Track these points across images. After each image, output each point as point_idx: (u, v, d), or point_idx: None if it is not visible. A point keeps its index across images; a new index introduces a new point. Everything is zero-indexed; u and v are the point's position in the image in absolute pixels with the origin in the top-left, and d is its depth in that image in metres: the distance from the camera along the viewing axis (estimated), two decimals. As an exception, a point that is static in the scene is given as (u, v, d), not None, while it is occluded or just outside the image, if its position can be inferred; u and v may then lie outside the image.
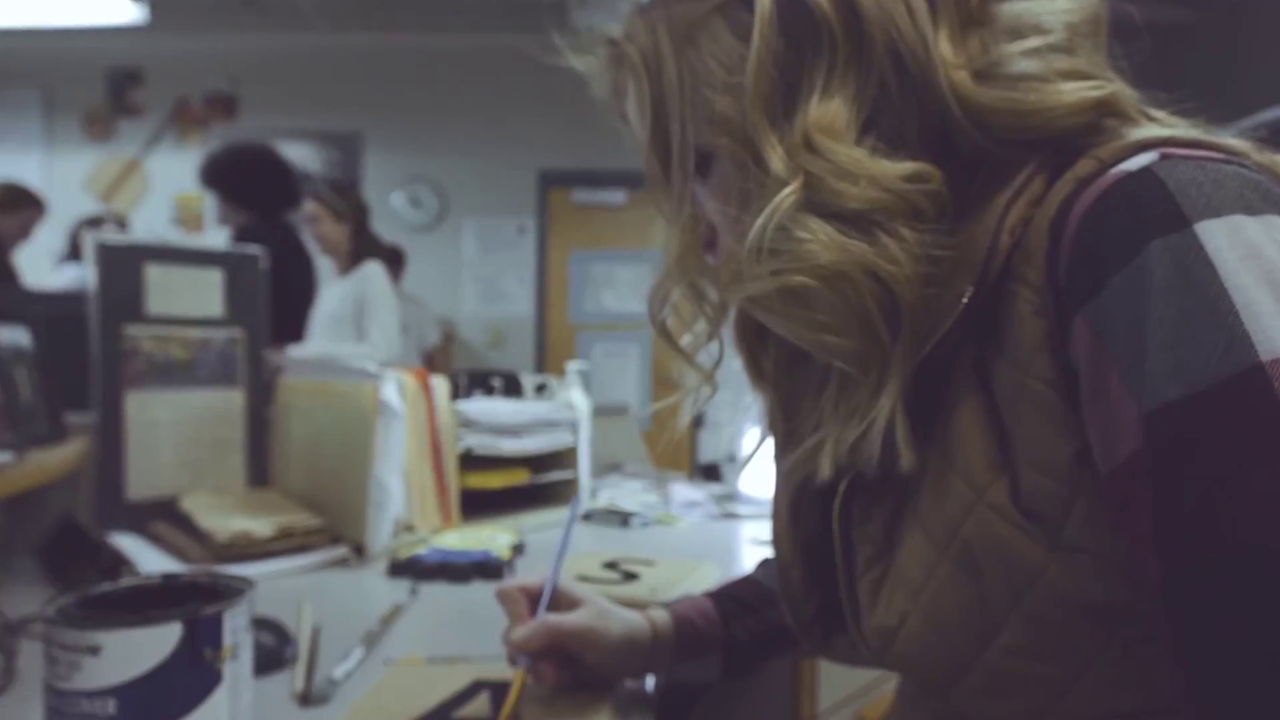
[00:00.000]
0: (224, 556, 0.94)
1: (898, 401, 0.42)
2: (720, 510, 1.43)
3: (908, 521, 0.45)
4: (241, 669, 0.45)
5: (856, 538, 0.49)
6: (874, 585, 0.47)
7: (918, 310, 0.41)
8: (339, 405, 1.08)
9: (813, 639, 0.57)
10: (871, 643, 0.48)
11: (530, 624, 0.59)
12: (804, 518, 0.56)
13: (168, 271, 1.13)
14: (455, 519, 1.14)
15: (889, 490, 0.46)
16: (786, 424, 0.58)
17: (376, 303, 2.43)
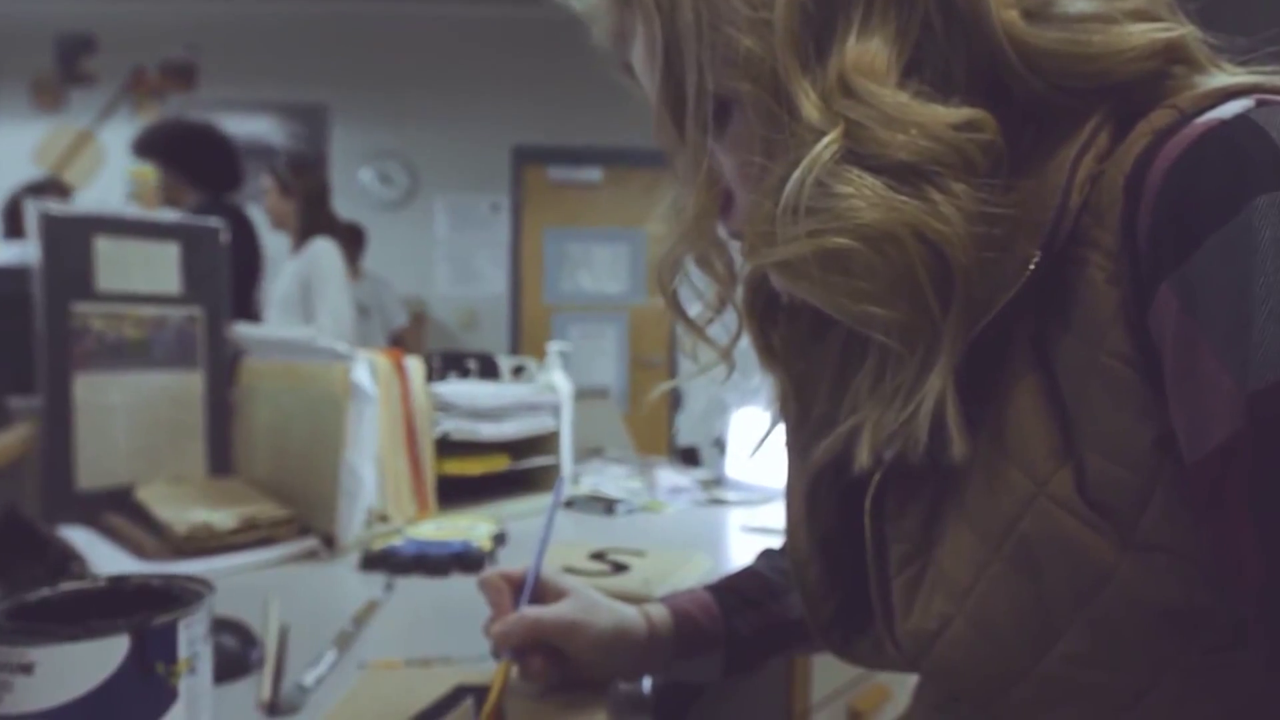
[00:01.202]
0: (183, 550, 0.89)
1: (949, 381, 0.39)
2: (707, 496, 1.39)
3: (950, 516, 0.42)
4: (200, 683, 0.41)
5: (890, 534, 0.45)
6: (910, 586, 0.44)
7: (972, 276, 0.38)
8: (307, 388, 1.03)
9: (832, 641, 0.53)
10: (906, 648, 0.45)
11: (510, 617, 0.56)
12: (822, 509, 0.53)
13: (119, 245, 1.07)
14: (432, 508, 1.10)
15: (928, 481, 0.43)
16: (800, 407, 0.54)
17: (324, 281, 2.35)
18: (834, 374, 0.53)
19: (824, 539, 0.53)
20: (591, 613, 0.57)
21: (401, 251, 4.26)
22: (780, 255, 0.40)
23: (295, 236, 2.47)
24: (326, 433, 0.98)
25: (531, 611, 0.56)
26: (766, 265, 0.41)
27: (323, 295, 2.33)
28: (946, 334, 0.38)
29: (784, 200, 0.38)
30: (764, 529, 1.17)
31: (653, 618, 0.61)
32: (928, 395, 0.39)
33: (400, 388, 1.06)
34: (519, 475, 1.26)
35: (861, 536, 0.53)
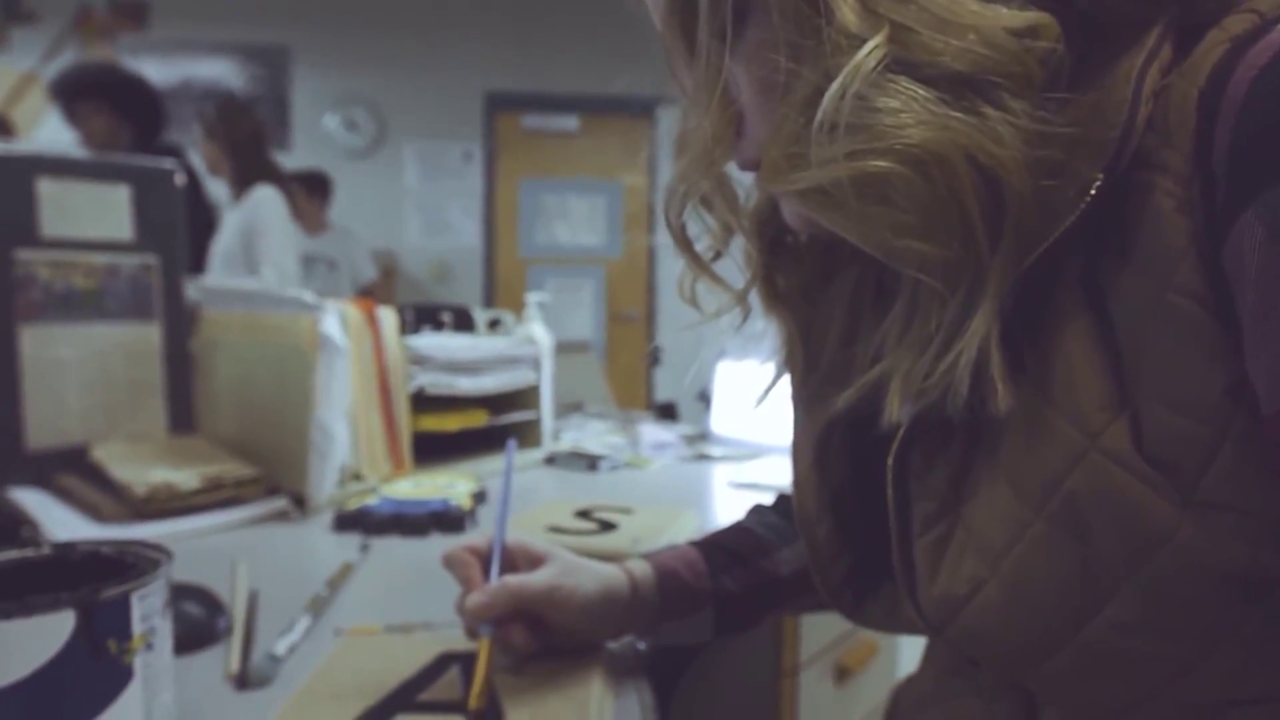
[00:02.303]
0: (143, 512, 0.85)
1: (994, 325, 0.35)
2: (692, 452, 1.37)
3: (983, 472, 0.39)
4: (158, 660, 0.37)
5: (914, 491, 0.42)
6: (936, 547, 0.41)
7: (1026, 205, 0.34)
8: (272, 340, 0.98)
9: (842, 603, 0.51)
10: (929, 613, 0.42)
11: (487, 588, 0.52)
12: (833, 465, 0.50)
13: (65, 188, 1.00)
14: (408, 466, 1.06)
15: (957, 433, 0.40)
16: (807, 356, 0.51)
17: (266, 231, 2.24)
18: (845, 320, 0.50)
19: (834, 496, 0.50)
20: (574, 576, 0.55)
21: (369, 202, 4.15)
22: (810, 180, 0.35)
23: (233, 185, 2.36)
24: (294, 387, 0.94)
25: (512, 580, 0.53)
26: (791, 192, 0.37)
27: (265, 247, 2.21)
28: (993, 271, 0.35)
29: (820, 116, 0.34)
30: (752, 485, 1.15)
31: (636, 575, 0.58)
32: (969, 341, 0.35)
33: (372, 340, 1.02)
34: (498, 431, 1.22)
35: (875, 493, 0.51)
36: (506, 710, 0.47)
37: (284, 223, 2.30)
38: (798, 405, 0.53)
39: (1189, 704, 0.35)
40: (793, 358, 0.51)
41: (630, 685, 0.54)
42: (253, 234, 2.23)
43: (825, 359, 0.50)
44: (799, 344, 0.51)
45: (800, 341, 0.51)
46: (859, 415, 0.50)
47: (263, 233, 2.23)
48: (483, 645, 0.50)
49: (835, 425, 0.50)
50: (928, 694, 0.54)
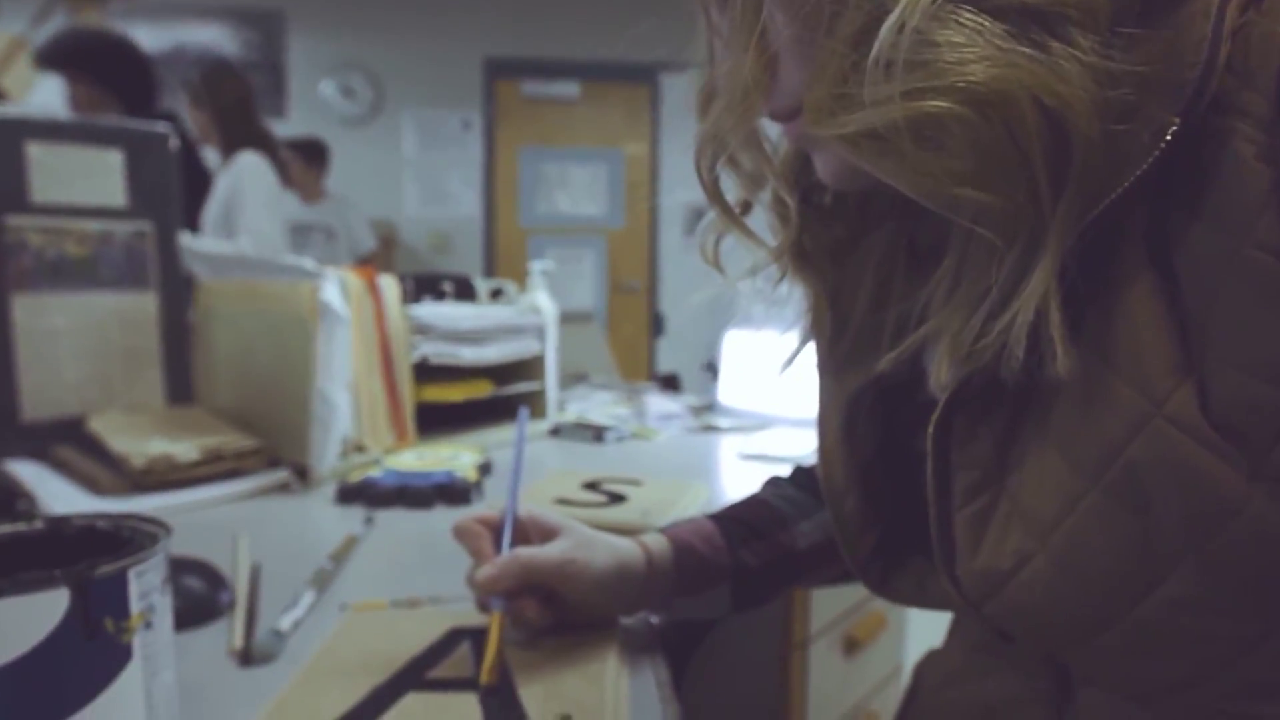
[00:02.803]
0: (142, 485, 0.83)
1: (1053, 282, 0.33)
2: (699, 423, 1.36)
3: (1032, 440, 0.37)
4: (158, 639, 0.36)
5: (956, 460, 0.41)
6: (978, 519, 0.39)
7: (1094, 151, 0.32)
8: (271, 309, 0.96)
9: (870, 577, 0.49)
10: (969, 589, 0.40)
11: (498, 560, 0.51)
12: (861, 435, 0.48)
13: (55, 152, 0.98)
14: (411, 437, 1.04)
15: (1004, 399, 0.38)
16: (835, 321, 0.49)
17: (245, 198, 2.17)
18: (874, 284, 0.48)
19: (863, 468, 0.48)
20: (588, 550, 0.53)
21: (367, 171, 4.11)
22: (861, 123, 0.33)
23: (221, 152, 2.31)
24: (294, 357, 0.92)
25: (523, 553, 0.51)
26: (839, 136, 0.34)
27: (243, 213, 2.14)
28: (1055, 223, 0.33)
29: (875, 52, 0.32)
30: (762, 456, 1.14)
31: (652, 550, 0.56)
32: (1027, 299, 0.33)
33: (374, 308, 0.99)
34: (502, 402, 1.20)
35: (905, 465, 0.49)
36: (519, 686, 0.46)
37: (266, 190, 2.23)
38: (824, 374, 0.51)
39: (1243, 683, 0.34)
40: (819, 323, 0.49)
41: (645, 660, 0.53)
42: (233, 202, 2.18)
43: (853, 325, 0.48)
44: (826, 308, 0.49)
45: (828, 305, 0.49)
46: (889, 383, 0.48)
47: (243, 200, 2.18)
48: (494, 619, 0.49)
49: (864, 394, 0.48)
50: (955, 670, 0.52)
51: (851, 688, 1.27)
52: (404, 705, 0.43)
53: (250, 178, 2.21)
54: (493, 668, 0.46)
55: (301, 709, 0.43)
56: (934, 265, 0.42)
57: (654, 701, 0.48)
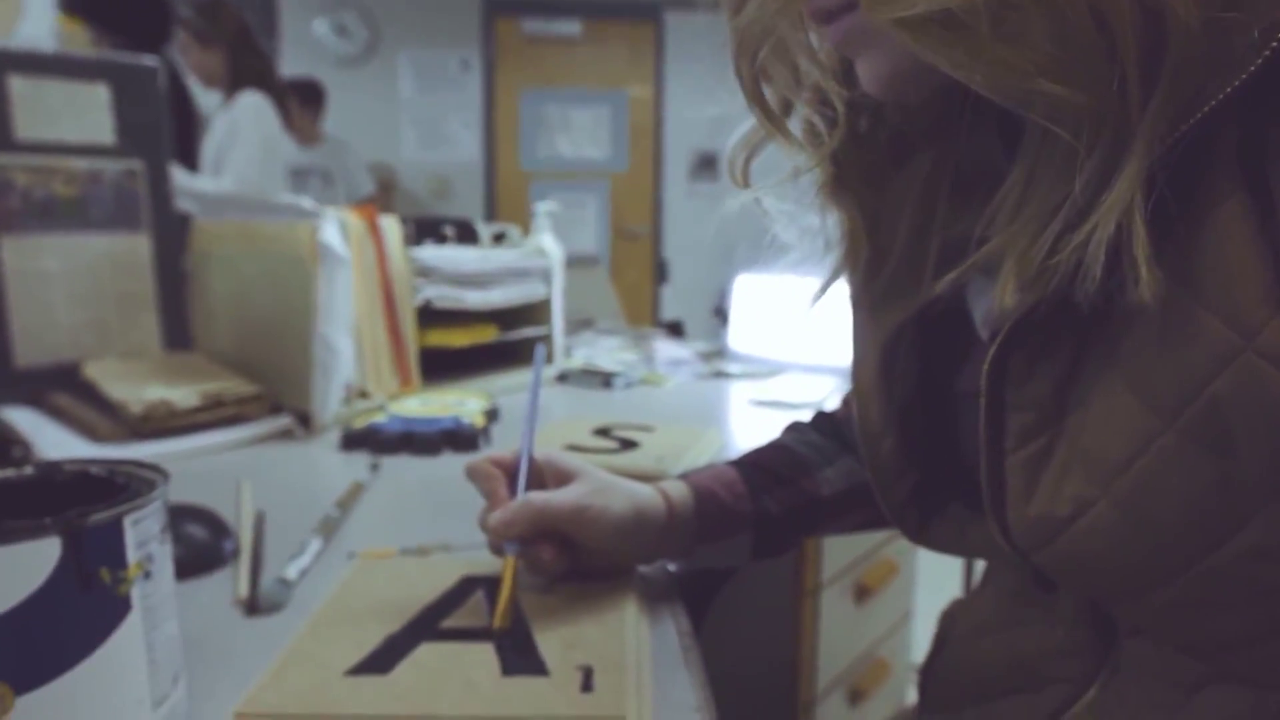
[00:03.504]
0: (140, 431, 0.82)
1: (1139, 194, 0.30)
2: (709, 369, 1.33)
3: (1096, 377, 0.35)
4: (158, 589, 0.34)
5: (1011, 400, 0.38)
6: (1033, 463, 0.37)
7: (1192, 46, 0.29)
8: (269, 250, 0.93)
9: (906, 524, 0.48)
10: (1020, 536, 0.39)
11: (512, 504, 0.49)
12: (900, 374, 0.46)
13: (39, 86, 0.94)
14: (415, 383, 1.02)
15: (1066, 333, 0.36)
16: (874, 254, 0.46)
17: (236, 138, 2.10)
18: (915, 214, 0.45)
19: (901, 409, 0.46)
20: (605, 495, 0.51)
21: (364, 114, 4.02)
22: (934, 3, 0.30)
23: (227, 90, 2.23)
24: (294, 301, 0.90)
25: (537, 497, 0.50)
26: (907, 19, 0.31)
27: (231, 153, 2.08)
28: (1144, 126, 0.30)
29: None
30: (774, 403, 1.12)
31: (672, 496, 0.55)
32: (1107, 213, 0.30)
33: (375, 250, 0.97)
34: (508, 347, 1.18)
35: (944, 406, 0.47)
36: (537, 637, 0.44)
37: (262, 132, 2.16)
38: (859, 309, 0.49)
39: None
40: (855, 253, 0.47)
41: (665, 609, 0.51)
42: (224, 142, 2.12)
43: (893, 256, 0.46)
44: (864, 237, 0.46)
45: (866, 233, 0.46)
46: (929, 320, 0.46)
47: (234, 139, 2.11)
48: (507, 564, 0.48)
49: (904, 331, 0.46)
50: (989, 620, 0.51)
51: (862, 634, 1.27)
52: (418, 656, 0.42)
53: (246, 119, 2.15)
54: (506, 612, 0.45)
55: (312, 660, 0.41)
56: (981, 190, 0.39)
57: (675, 651, 0.47)
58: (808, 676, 1.13)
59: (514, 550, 0.48)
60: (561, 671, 0.41)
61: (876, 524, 0.69)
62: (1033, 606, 0.46)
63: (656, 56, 4.18)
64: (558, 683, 0.40)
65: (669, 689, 0.43)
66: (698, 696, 0.43)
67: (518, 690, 0.39)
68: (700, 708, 0.42)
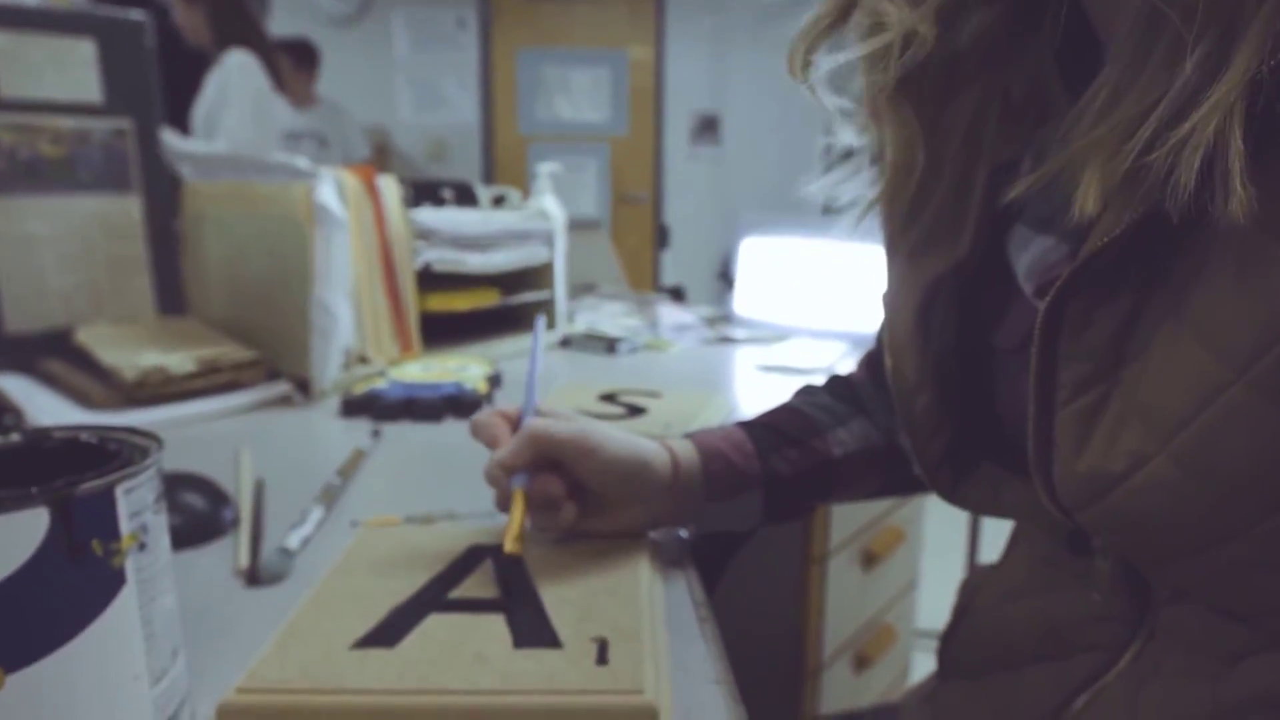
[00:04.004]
0: (135, 398, 0.80)
1: (1243, 97, 0.28)
2: (714, 334, 1.32)
3: (1159, 325, 0.33)
4: (154, 561, 0.33)
5: (1064, 350, 0.37)
6: (1086, 416, 0.36)
7: None
8: (264, 212, 0.91)
9: (940, 482, 0.46)
10: (1068, 493, 0.37)
11: (515, 437, 0.48)
12: (938, 324, 0.44)
13: (19, 40, 0.91)
14: (416, 348, 1.01)
15: (1129, 279, 0.34)
16: (917, 193, 0.44)
17: (230, 98, 2.06)
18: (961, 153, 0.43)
19: (938, 362, 0.45)
20: (606, 432, 0.50)
21: (356, 74, 3.96)
22: None
23: (213, 50, 2.17)
24: (291, 264, 0.87)
25: (537, 424, 0.48)
26: None
27: (223, 116, 2.04)
28: (1260, 17, 0.27)
29: None
30: (782, 368, 1.10)
31: (678, 453, 0.53)
32: (1209, 112, 0.28)
33: (373, 211, 0.94)
34: (509, 312, 1.16)
35: (980, 359, 0.45)
36: (548, 606, 0.43)
37: (253, 93, 2.11)
38: (897, 258, 0.47)
39: None
40: (896, 189, 0.45)
41: (678, 577, 0.50)
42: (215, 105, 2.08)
43: (936, 199, 0.44)
44: (919, 148, 0.44)
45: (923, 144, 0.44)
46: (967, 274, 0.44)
47: (223, 101, 2.07)
48: (516, 496, 0.47)
49: (943, 281, 0.44)
50: (1019, 585, 0.50)
51: (868, 601, 1.27)
52: (426, 628, 0.41)
53: (236, 80, 2.10)
54: (518, 537, 0.45)
55: (316, 632, 0.40)
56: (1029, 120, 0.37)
57: (691, 620, 0.46)
58: (814, 644, 1.13)
59: (522, 483, 0.48)
60: (575, 643, 0.39)
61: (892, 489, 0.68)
62: (1065, 571, 0.45)
63: (657, 16, 4.10)
64: (572, 655, 0.38)
65: (685, 660, 0.42)
66: (716, 668, 0.42)
67: (530, 663, 0.38)
68: (720, 680, 0.41)
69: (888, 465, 0.63)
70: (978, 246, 0.45)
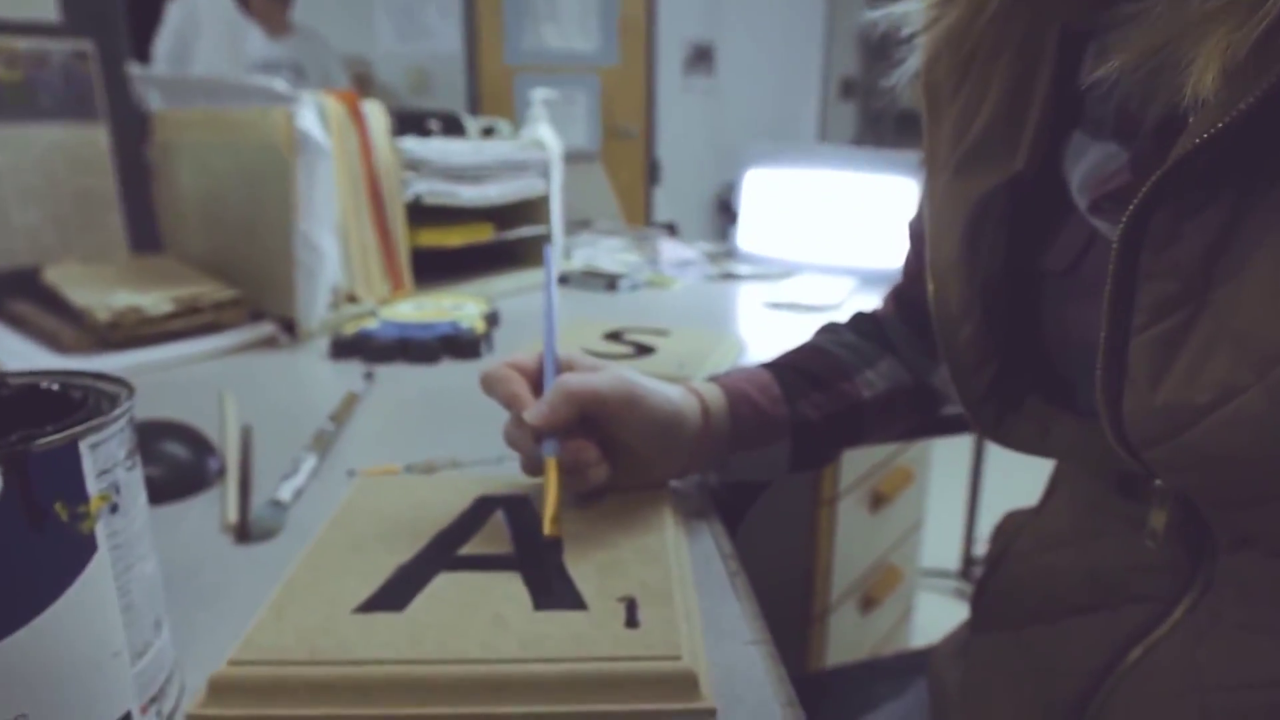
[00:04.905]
0: (109, 341, 0.75)
1: None
2: (718, 270, 1.27)
3: (1257, 242, 0.29)
4: (129, 524, 0.29)
5: (1146, 268, 0.33)
6: (1167, 342, 0.32)
7: None
8: (242, 140, 0.85)
9: (983, 419, 0.43)
10: (1139, 427, 0.34)
11: (544, 397, 0.43)
12: (987, 247, 0.41)
13: (-34, -49, 0.84)
14: (408, 286, 0.96)
15: (1225, 187, 0.30)
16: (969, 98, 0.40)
17: (201, 26, 1.95)
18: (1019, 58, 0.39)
19: (985, 288, 0.41)
20: (646, 386, 0.45)
21: (332, 1, 3.80)
22: None
23: None
24: (271, 195, 0.82)
25: (574, 379, 0.43)
26: None
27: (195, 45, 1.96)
28: None
29: None
30: (791, 305, 1.07)
31: (706, 399, 0.49)
32: None
33: (358, 139, 0.89)
34: (504, 248, 1.12)
35: (1028, 282, 0.42)
36: (570, 568, 0.40)
37: (224, 21, 2.02)
38: (941, 175, 0.43)
39: None
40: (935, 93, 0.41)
41: (704, 529, 0.47)
42: (186, 33, 1.98)
43: (991, 104, 0.40)
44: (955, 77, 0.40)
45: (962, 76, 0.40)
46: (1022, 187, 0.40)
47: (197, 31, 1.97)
48: (549, 465, 0.42)
49: (995, 197, 0.40)
50: (1062, 532, 0.47)
51: (875, 542, 1.26)
52: (435, 589, 0.37)
53: (205, 5, 2.00)
54: (556, 518, 0.40)
55: (315, 595, 0.37)
56: None
57: (720, 576, 0.43)
58: (823, 587, 1.12)
59: (554, 450, 0.43)
60: (601, 604, 0.36)
61: (921, 431, 0.65)
62: (1113, 517, 0.42)
63: (647, -63, 3.94)
64: (598, 618, 0.35)
65: (717, 618, 0.39)
66: (752, 627, 0.39)
67: (554, 628, 0.34)
68: (757, 639, 0.38)
69: (918, 406, 0.59)
70: (1035, 159, 0.41)
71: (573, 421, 0.43)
